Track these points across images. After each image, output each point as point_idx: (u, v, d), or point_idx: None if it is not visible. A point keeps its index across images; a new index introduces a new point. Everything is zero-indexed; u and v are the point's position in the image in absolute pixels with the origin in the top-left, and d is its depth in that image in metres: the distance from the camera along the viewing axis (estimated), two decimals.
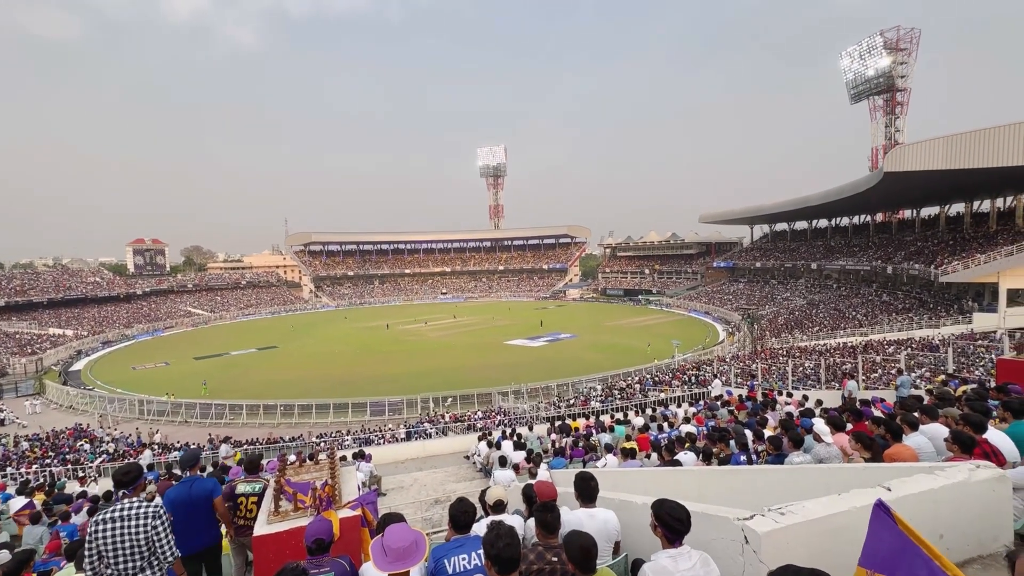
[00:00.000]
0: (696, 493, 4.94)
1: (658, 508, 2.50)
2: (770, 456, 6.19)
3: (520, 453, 10.72)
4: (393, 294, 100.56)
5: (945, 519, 3.13)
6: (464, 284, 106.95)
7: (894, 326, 34.67)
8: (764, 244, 77.44)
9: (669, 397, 22.08)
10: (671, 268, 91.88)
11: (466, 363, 39.88)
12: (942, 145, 33.18)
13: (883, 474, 3.55)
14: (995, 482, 3.14)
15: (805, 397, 12.58)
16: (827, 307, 47.09)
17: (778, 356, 29.45)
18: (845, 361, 22.31)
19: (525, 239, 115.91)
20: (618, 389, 27.09)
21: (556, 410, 23.85)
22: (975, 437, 3.99)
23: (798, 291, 57.99)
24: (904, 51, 66.63)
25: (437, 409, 27.80)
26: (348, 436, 22.92)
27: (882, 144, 69.30)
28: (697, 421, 11.50)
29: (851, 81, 71.45)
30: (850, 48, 70.43)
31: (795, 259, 64.68)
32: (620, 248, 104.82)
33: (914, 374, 16.75)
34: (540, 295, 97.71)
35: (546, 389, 29.60)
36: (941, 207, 49.88)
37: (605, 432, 11.96)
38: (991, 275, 32.06)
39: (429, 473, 12.95)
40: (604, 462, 8.13)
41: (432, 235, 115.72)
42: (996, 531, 3.20)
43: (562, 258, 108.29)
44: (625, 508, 3.60)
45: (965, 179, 35.89)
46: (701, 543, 2.78)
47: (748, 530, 2.57)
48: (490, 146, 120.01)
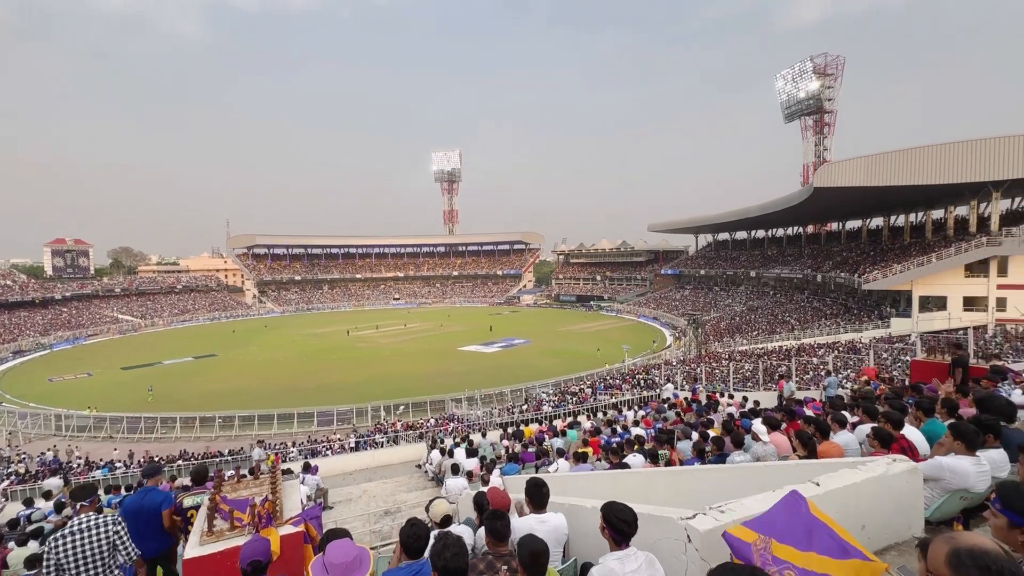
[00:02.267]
0: (643, 495, 5.06)
1: (606, 511, 2.54)
2: (714, 456, 6.46)
3: (473, 460, 10.63)
4: (343, 299, 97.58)
5: (866, 510, 3.37)
6: (417, 289, 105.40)
7: (823, 330, 37.19)
8: (708, 253, 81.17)
9: (620, 401, 22.61)
10: (622, 275, 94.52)
11: (419, 370, 39.23)
12: (863, 164, 36.15)
13: (814, 470, 3.78)
14: (909, 474, 3.41)
15: (745, 398, 13.23)
16: (765, 312, 49.90)
17: (721, 359, 30.89)
18: (781, 363, 23.69)
19: (479, 245, 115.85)
20: (571, 394, 27.46)
21: (509, 416, 23.85)
22: (893, 433, 4.32)
23: (739, 297, 61.11)
24: (831, 76, 72.15)
25: (388, 417, 27.14)
26: (293, 448, 21.94)
27: (812, 161, 74.55)
28: (645, 424, 11.83)
29: (785, 102, 76.53)
30: (784, 71, 75.51)
31: (736, 267, 68.18)
32: (573, 255, 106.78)
33: (840, 375, 18.01)
34: (494, 301, 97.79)
35: (500, 395, 29.59)
36: (863, 221, 54.18)
37: (558, 437, 12.08)
38: (906, 284, 35.11)
39: (379, 484, 12.59)
40: (556, 467, 8.19)
41: (385, 239, 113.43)
42: (910, 520, 3.47)
43: (516, 264, 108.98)
44: (575, 512, 3.63)
45: (883, 195, 39.20)
46: (647, 543, 2.85)
47: (691, 529, 2.66)
48: (445, 151, 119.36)
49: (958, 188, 35.08)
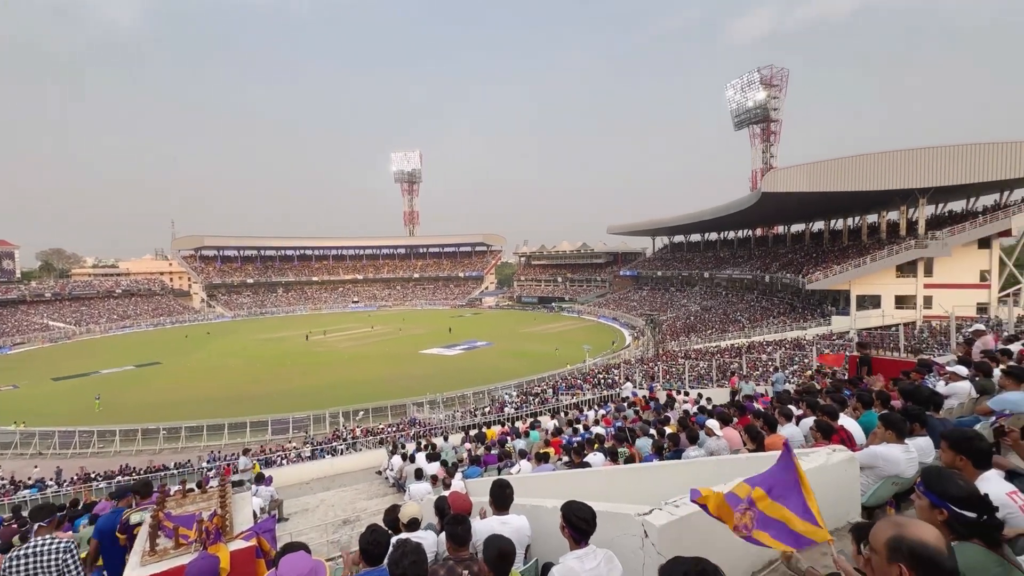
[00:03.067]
0: (604, 492, 5.16)
1: (566, 510, 2.58)
2: (671, 452, 6.65)
3: (435, 464, 10.52)
4: (299, 303, 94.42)
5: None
6: (377, 292, 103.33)
7: (772, 328, 39.08)
8: (664, 254, 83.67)
9: (581, 400, 22.94)
10: (582, 276, 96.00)
11: (379, 374, 38.47)
12: (806, 171, 38.30)
13: (762, 462, 3.96)
14: (847, 463, 3.63)
15: (700, 395, 13.72)
16: (717, 312, 51.91)
17: (677, 358, 31.90)
18: (733, 361, 24.70)
19: (441, 246, 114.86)
20: (533, 395, 27.64)
21: (472, 418, 23.75)
22: (833, 425, 4.59)
23: (693, 297, 63.31)
24: (776, 87, 75.99)
25: (347, 424, 26.46)
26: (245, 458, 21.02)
27: (760, 167, 78.19)
28: (606, 422, 12.05)
29: (734, 110, 79.98)
30: (733, 81, 78.91)
31: (691, 268, 70.60)
32: (534, 257, 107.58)
33: (787, 371, 18.98)
34: (456, 303, 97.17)
35: (462, 398, 29.41)
36: (807, 224, 57.32)
37: (520, 438, 12.13)
38: (844, 284, 37.40)
39: (337, 492, 12.25)
40: (518, 468, 8.22)
41: (343, 240, 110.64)
42: (848, 506, 3.70)
43: (478, 266, 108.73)
44: (536, 513, 3.66)
45: (824, 200, 41.63)
46: (606, 541, 2.90)
47: (647, 524, 2.73)
48: (405, 151, 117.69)
49: (890, 195, 37.74)
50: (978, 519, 1.74)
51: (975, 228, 34.94)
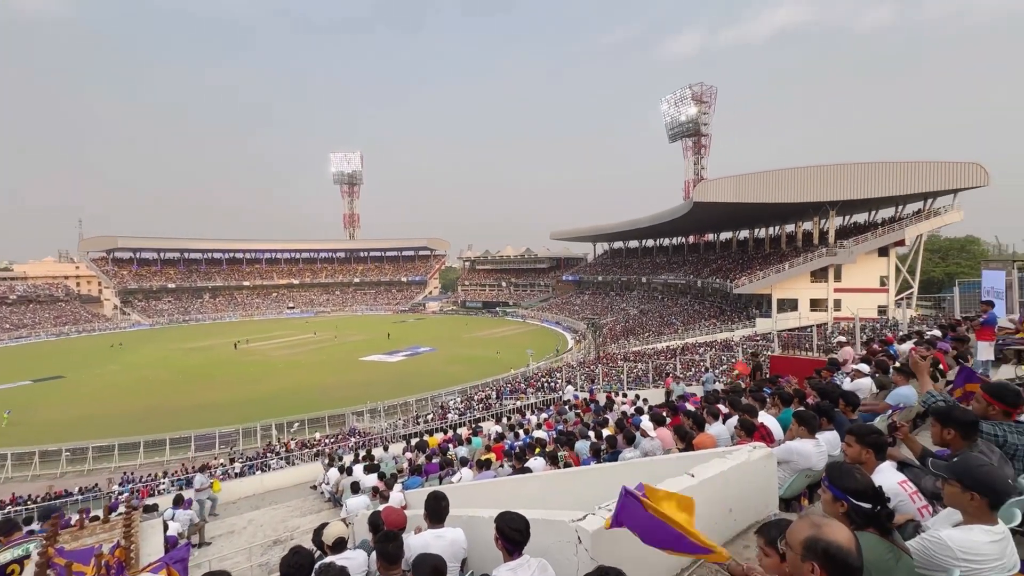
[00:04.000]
0: (543, 498, 5.19)
1: (499, 521, 2.55)
2: (608, 454, 6.81)
3: (373, 476, 10.16)
4: (228, 309, 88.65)
5: (733, 494, 3.76)
6: (315, 297, 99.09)
7: (703, 330, 41.28)
8: (605, 260, 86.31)
9: (524, 404, 23.09)
10: (526, 281, 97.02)
11: (317, 383, 36.81)
12: (733, 183, 40.95)
13: (691, 462, 4.14)
14: (766, 459, 3.86)
15: (637, 396, 14.19)
16: (654, 315, 54.17)
17: (617, 360, 32.92)
18: (668, 362, 25.83)
19: (383, 250, 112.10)
20: (477, 400, 27.51)
21: (415, 426, 23.27)
22: (754, 422, 4.88)
23: (632, 301, 65.69)
24: (706, 103, 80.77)
25: (281, 436, 25.09)
26: (165, 479, 19.38)
27: (692, 178, 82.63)
28: (547, 426, 12.18)
29: (668, 124, 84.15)
30: (668, 96, 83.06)
31: (630, 273, 73.27)
32: (479, 261, 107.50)
33: (717, 370, 20.09)
34: (399, 308, 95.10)
35: (404, 405, 28.75)
36: (734, 233, 61.23)
37: (462, 445, 12.00)
38: (766, 288, 40.23)
39: (267, 511, 11.54)
40: (459, 476, 8.12)
41: (277, 243, 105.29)
42: (767, 499, 3.93)
43: (421, 270, 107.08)
44: (473, 524, 3.60)
45: (749, 210, 44.64)
46: (542, 549, 2.90)
47: (581, 530, 2.75)
48: (345, 152, 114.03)
49: (804, 206, 41.12)
50: (873, 510, 1.89)
51: (875, 238, 38.76)
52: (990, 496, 1.98)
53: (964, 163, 35.85)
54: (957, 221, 39.20)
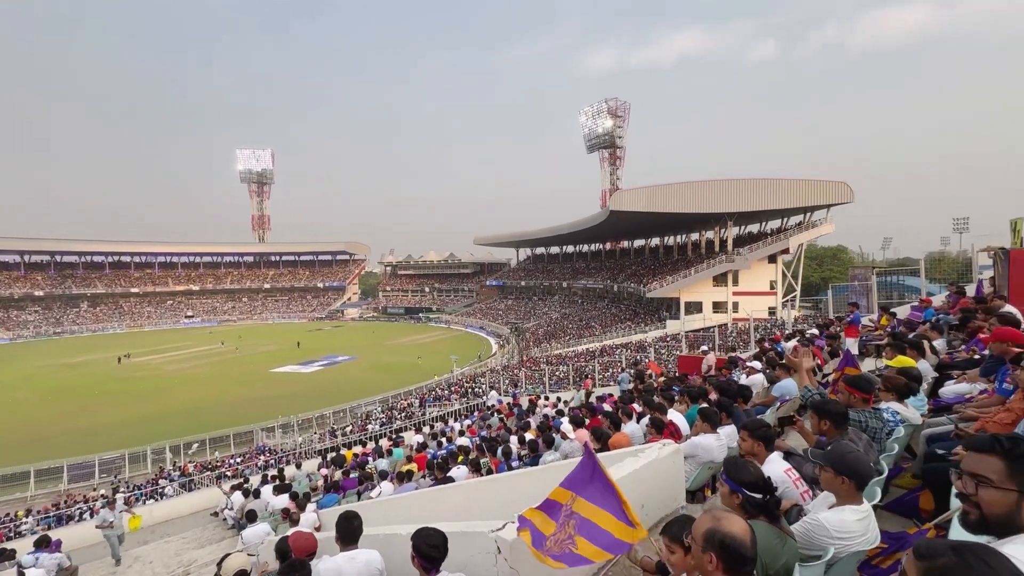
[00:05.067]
0: (465, 508, 5.12)
1: (416, 539, 2.46)
2: (529, 458, 6.89)
3: (284, 497, 9.47)
4: (112, 319, 78.85)
5: (646, 491, 3.94)
6: (219, 305, 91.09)
7: (620, 333, 43.39)
8: (528, 265, 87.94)
9: (448, 412, 22.81)
10: (449, 286, 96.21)
11: (220, 399, 33.74)
12: (644, 193, 43.62)
13: (607, 462, 4.28)
14: (674, 455, 4.11)
15: (559, 399, 14.55)
16: (575, 319, 56.04)
17: (540, 363, 33.59)
18: (587, 364, 26.79)
19: (297, 255, 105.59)
20: (399, 409, 26.72)
21: (332, 440, 22.09)
22: (664, 420, 5.17)
23: (554, 306, 67.48)
24: (621, 117, 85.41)
25: (177, 459, 22.67)
26: (28, 518, 16.70)
27: (608, 188, 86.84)
28: (471, 433, 12.10)
29: (587, 135, 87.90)
30: (585, 108, 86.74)
31: (551, 278, 75.24)
32: (401, 266, 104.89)
33: (632, 371, 21.14)
34: (314, 315, 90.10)
35: (320, 418, 27.21)
36: (646, 240, 65.12)
37: (383, 457, 11.57)
38: (675, 292, 43.23)
39: (158, 545, 10.34)
40: (379, 490, 7.80)
41: (173, 246, 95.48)
42: (676, 493, 4.18)
43: (339, 276, 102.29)
44: (391, 542, 3.46)
45: (659, 219, 47.73)
46: (461, 562, 2.84)
47: (500, 540, 2.74)
48: (254, 149, 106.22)
49: (707, 217, 44.78)
50: (764, 499, 2.07)
51: (765, 247, 43.12)
52: (857, 479, 2.24)
53: (834, 182, 41.03)
54: (829, 232, 44.78)
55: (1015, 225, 10.93)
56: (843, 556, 2.16)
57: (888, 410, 3.40)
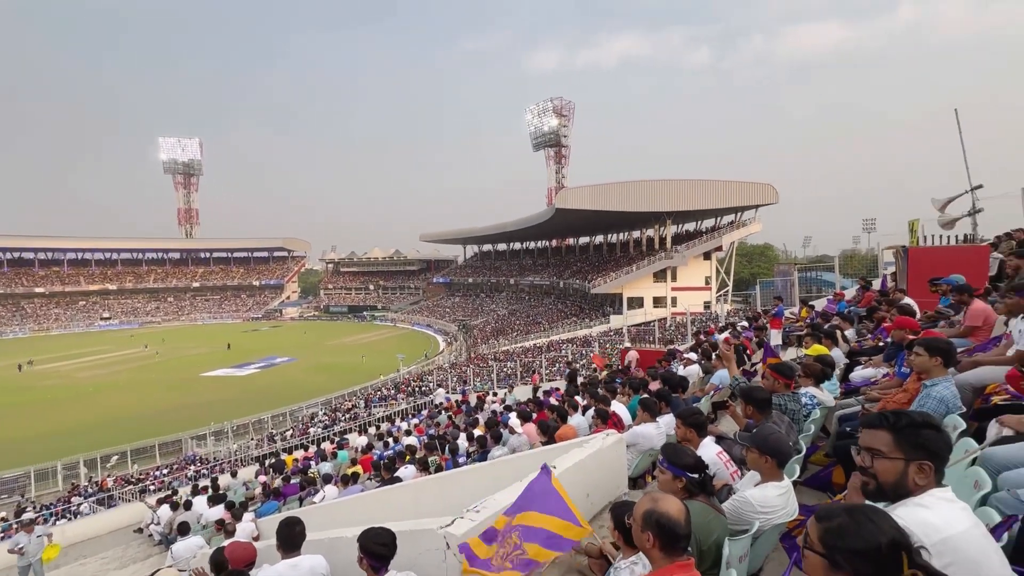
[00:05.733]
0: (413, 508, 5.08)
1: (363, 539, 2.44)
2: (477, 455, 6.92)
3: (218, 508, 8.96)
4: (11, 323, 70.95)
5: (591, 480, 4.09)
6: (140, 306, 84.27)
7: (566, 328, 44.30)
8: (475, 262, 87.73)
9: (395, 411, 22.39)
10: (395, 284, 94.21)
11: (143, 407, 31.28)
12: (589, 192, 44.71)
13: (554, 453, 4.40)
14: (616, 444, 4.28)
15: (506, 394, 14.68)
16: (522, 315, 56.59)
17: (488, 360, 33.67)
18: (535, 359, 27.17)
19: (230, 251, 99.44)
20: (343, 411, 25.92)
21: (270, 446, 21.09)
22: (607, 411, 5.37)
23: (501, 302, 67.79)
24: (566, 117, 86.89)
25: (94, 474, 20.81)
26: None
27: (554, 186, 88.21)
28: (418, 432, 11.97)
29: (533, 133, 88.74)
30: (531, 106, 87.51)
31: (499, 275, 75.49)
32: (344, 263, 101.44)
33: (578, 364, 21.69)
34: (250, 315, 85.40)
35: (258, 423, 25.87)
36: (591, 238, 66.78)
37: (326, 461, 11.20)
38: (618, 288, 44.69)
39: (72, 568, 9.48)
40: (322, 495, 7.57)
41: (85, 241, 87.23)
42: (619, 480, 4.36)
43: (277, 273, 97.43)
44: (336, 546, 3.38)
45: (603, 217, 49.10)
46: (410, 561, 2.83)
47: (449, 536, 2.75)
48: (179, 138, 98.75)
49: (647, 215, 46.57)
50: (699, 480, 2.21)
51: (701, 244, 45.49)
52: (779, 458, 2.45)
53: (761, 184, 43.92)
54: (757, 231, 47.90)
55: (912, 226, 12.20)
56: (767, 529, 2.35)
57: (806, 394, 3.72)
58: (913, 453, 1.45)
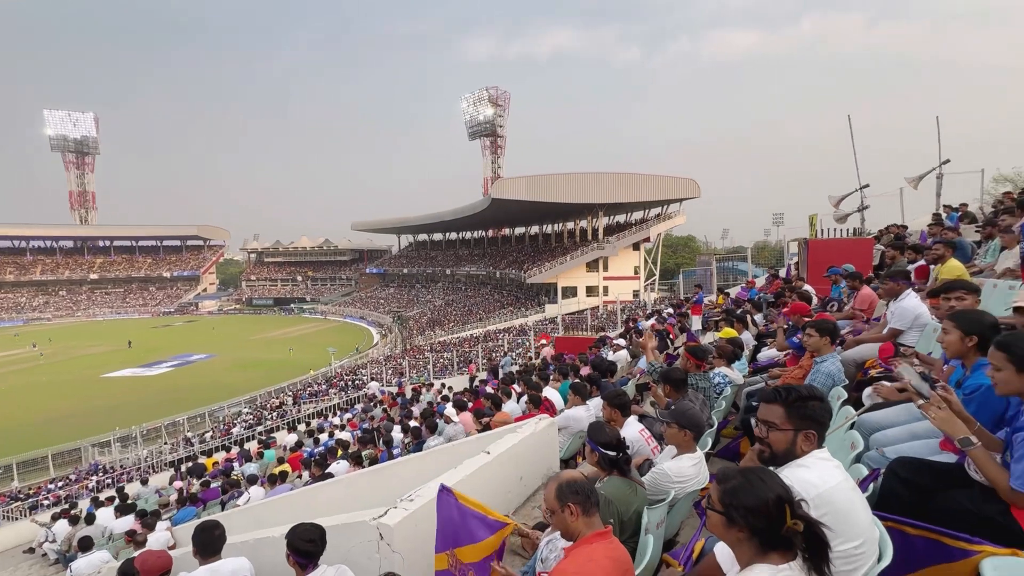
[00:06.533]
0: (347, 502, 4.96)
1: (289, 536, 2.37)
2: (413, 445, 6.87)
3: (127, 518, 8.25)
4: None
5: (524, 464, 4.21)
6: (24, 300, 74.69)
7: (503, 318, 44.70)
8: (410, 252, 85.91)
9: (327, 407, 21.62)
10: (326, 275, 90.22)
11: (32, 415, 27.90)
12: (524, 182, 45.16)
13: (488, 440, 4.48)
14: (548, 428, 4.43)
15: (443, 385, 14.63)
16: (459, 305, 56.35)
17: (424, 351, 33.28)
18: (472, 349, 27.23)
19: (134, 239, 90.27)
20: (270, 409, 24.62)
21: (187, 449, 19.64)
22: (540, 396, 5.53)
23: (438, 293, 67.06)
24: (501, 107, 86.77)
25: None
26: None
27: (490, 176, 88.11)
28: (351, 426, 11.66)
29: (468, 122, 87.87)
30: (467, 95, 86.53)
31: (435, 265, 74.52)
32: (268, 253, 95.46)
33: (513, 353, 22.01)
34: (161, 310, 78.39)
35: (172, 426, 23.95)
36: (527, 228, 67.55)
37: (251, 461, 10.63)
38: (553, 278, 45.71)
39: None
40: (247, 496, 7.20)
41: None
42: (551, 462, 4.52)
43: (192, 264, 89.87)
44: (261, 547, 3.25)
45: (538, 207, 49.83)
46: (342, 555, 2.78)
47: (382, 526, 2.73)
48: (69, 111, 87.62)
49: (580, 207, 47.85)
50: (616, 456, 2.36)
51: (630, 235, 47.51)
52: (695, 431, 2.67)
53: (685, 179, 46.50)
54: (682, 223, 50.75)
55: (812, 220, 13.50)
56: (682, 497, 2.56)
57: (719, 374, 4.05)
58: (801, 424, 1.64)
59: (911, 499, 1.81)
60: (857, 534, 1.43)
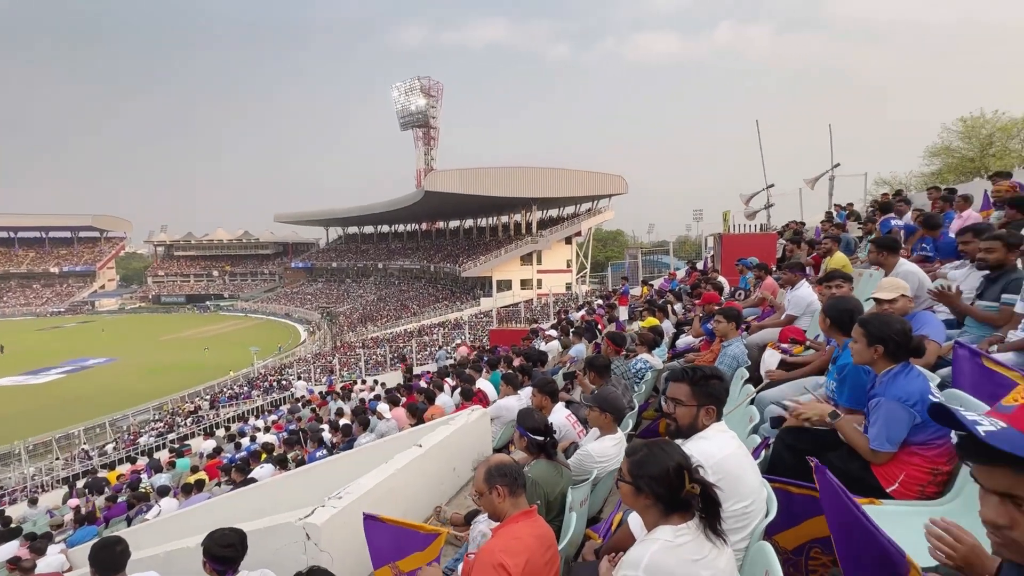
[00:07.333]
0: (273, 506, 4.75)
1: (206, 543, 2.26)
2: (343, 444, 6.69)
3: (11, 544, 7.34)
4: None
5: (458, 454, 4.25)
6: None
7: (437, 312, 44.22)
8: (339, 245, 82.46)
9: (248, 409, 20.36)
10: (246, 269, 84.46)
11: None
12: (457, 175, 44.86)
13: (420, 434, 4.47)
14: (481, 418, 4.50)
15: (376, 382, 14.28)
16: (392, 300, 55.02)
17: (355, 348, 32.20)
18: (406, 344, 26.74)
19: (12, 230, 79.31)
20: (184, 415, 22.76)
21: (84, 463, 17.72)
22: (472, 388, 5.58)
23: (369, 288, 65.01)
24: (434, 97, 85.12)
25: None
26: None
27: (423, 168, 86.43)
28: (277, 428, 11.11)
29: (400, 112, 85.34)
30: (398, 83, 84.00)
31: (366, 259, 72.11)
32: (179, 246, 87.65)
33: (449, 347, 21.90)
34: (50, 310, 69.71)
35: (65, 439, 21.44)
36: (461, 221, 67.11)
37: (161, 472, 9.82)
38: (488, 271, 45.88)
39: None
40: (158, 509, 6.66)
41: None
42: (484, 451, 4.59)
43: (86, 258, 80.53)
44: (173, 559, 3.06)
45: (472, 201, 49.73)
46: (266, 558, 2.68)
47: (309, 526, 2.67)
48: None
49: (514, 201, 48.32)
50: (543, 440, 2.47)
51: (563, 229, 48.72)
52: (615, 414, 2.83)
53: (613, 175, 48.31)
54: (611, 218, 52.75)
55: (725, 216, 14.58)
56: (604, 476, 2.72)
57: (640, 359, 4.30)
58: (703, 400, 1.81)
59: (795, 463, 2.06)
60: (747, 495, 1.62)
